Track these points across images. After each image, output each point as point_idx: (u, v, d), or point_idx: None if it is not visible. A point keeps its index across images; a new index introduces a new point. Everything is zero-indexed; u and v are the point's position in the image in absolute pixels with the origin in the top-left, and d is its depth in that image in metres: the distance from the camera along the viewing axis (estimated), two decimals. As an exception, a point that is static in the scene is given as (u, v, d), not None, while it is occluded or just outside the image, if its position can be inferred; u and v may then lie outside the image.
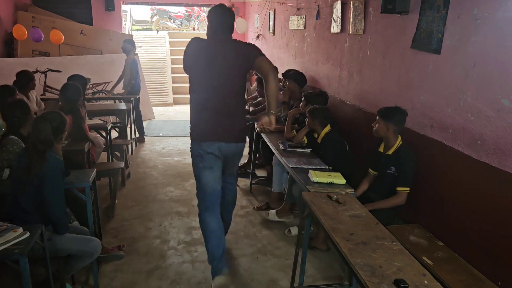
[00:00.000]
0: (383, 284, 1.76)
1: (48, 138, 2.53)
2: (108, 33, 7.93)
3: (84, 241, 2.70)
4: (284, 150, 3.74)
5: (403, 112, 3.07)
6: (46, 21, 7.09)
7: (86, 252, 2.67)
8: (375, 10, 3.72)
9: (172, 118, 8.13)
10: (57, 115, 2.66)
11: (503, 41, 2.37)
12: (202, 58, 2.78)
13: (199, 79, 2.81)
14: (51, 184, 2.49)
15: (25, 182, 2.47)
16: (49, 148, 2.53)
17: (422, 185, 3.07)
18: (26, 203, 2.49)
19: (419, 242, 2.72)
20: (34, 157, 2.46)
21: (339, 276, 3.17)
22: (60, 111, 2.76)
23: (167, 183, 4.92)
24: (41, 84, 5.94)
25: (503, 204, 2.38)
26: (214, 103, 2.79)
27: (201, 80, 2.81)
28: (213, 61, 2.77)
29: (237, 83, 2.84)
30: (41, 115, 2.66)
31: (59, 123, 2.64)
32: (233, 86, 2.82)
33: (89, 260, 2.73)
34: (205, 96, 2.81)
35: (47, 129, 2.54)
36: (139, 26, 15.60)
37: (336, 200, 2.58)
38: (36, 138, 2.51)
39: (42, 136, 2.51)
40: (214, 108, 2.79)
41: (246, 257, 3.38)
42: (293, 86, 4.70)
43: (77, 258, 2.69)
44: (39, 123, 2.55)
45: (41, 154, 2.48)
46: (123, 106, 5.61)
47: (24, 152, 2.53)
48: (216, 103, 2.79)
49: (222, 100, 2.80)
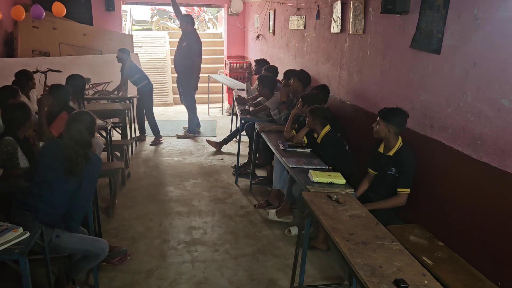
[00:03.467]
0: (383, 284, 1.76)
1: (85, 138, 2.57)
2: (108, 33, 7.93)
3: (92, 242, 2.70)
4: (284, 150, 3.74)
5: (404, 113, 3.05)
6: (46, 21, 7.09)
7: (93, 252, 2.66)
8: (375, 10, 3.72)
9: (172, 118, 8.13)
10: (86, 115, 2.68)
11: (503, 41, 2.37)
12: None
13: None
14: (91, 183, 2.58)
15: (55, 180, 2.47)
16: (89, 148, 2.59)
17: (422, 185, 3.07)
18: (49, 200, 2.47)
19: (419, 242, 2.72)
20: (76, 159, 2.48)
21: (339, 276, 3.17)
22: (87, 111, 2.80)
23: (167, 183, 4.92)
24: (41, 84, 5.93)
25: (503, 204, 2.38)
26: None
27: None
28: None
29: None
30: (71, 117, 2.67)
31: (90, 122, 2.66)
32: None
33: (96, 261, 2.72)
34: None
35: (82, 130, 2.56)
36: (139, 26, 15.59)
37: (336, 200, 2.58)
38: (73, 140, 2.52)
39: (78, 137, 2.54)
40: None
41: (246, 257, 3.38)
42: (297, 85, 4.66)
43: (84, 259, 2.69)
44: (73, 125, 2.57)
45: (84, 156, 2.52)
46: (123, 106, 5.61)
47: (62, 154, 2.51)
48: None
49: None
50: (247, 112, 5.12)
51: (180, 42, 6.67)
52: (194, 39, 6.62)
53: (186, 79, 6.67)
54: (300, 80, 4.68)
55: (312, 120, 3.71)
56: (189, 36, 6.60)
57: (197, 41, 6.60)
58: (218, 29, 13.69)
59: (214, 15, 14.90)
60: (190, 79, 6.65)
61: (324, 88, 4.40)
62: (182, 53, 6.61)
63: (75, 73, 4.69)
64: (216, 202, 4.43)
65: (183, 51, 6.60)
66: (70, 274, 2.76)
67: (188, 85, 6.71)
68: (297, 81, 4.68)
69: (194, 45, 6.56)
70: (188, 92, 6.79)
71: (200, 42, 6.64)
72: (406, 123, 3.08)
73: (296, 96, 4.63)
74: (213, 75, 8.73)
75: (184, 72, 6.67)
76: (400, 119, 3.04)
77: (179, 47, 6.67)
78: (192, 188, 4.78)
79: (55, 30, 7.30)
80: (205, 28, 14.44)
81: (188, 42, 6.57)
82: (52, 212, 2.47)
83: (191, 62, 6.58)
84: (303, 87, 4.68)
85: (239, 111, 5.26)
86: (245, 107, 5.30)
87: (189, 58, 6.56)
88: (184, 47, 6.59)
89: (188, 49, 6.56)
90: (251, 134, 5.02)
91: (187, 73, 6.64)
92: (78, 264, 2.73)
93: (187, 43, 6.58)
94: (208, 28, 14.60)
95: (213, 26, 14.72)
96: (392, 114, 3.04)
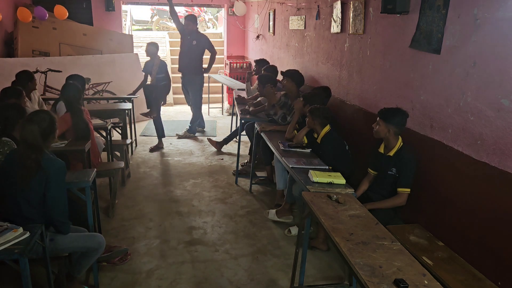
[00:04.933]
0: (383, 284, 1.76)
1: (37, 141, 2.37)
2: (108, 33, 7.94)
3: (87, 238, 2.70)
4: (284, 150, 3.74)
5: (404, 113, 3.05)
6: (46, 21, 7.09)
7: (91, 248, 2.67)
8: (375, 10, 3.72)
9: (172, 118, 8.13)
10: (45, 115, 2.50)
11: (503, 41, 2.37)
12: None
13: None
14: (55, 187, 2.42)
15: (24, 187, 2.37)
16: (39, 153, 2.37)
17: (422, 185, 3.07)
18: (26, 206, 2.40)
19: (419, 242, 2.72)
20: (29, 164, 2.33)
21: (339, 276, 3.17)
22: (47, 110, 2.65)
23: (167, 183, 4.92)
24: (41, 84, 5.94)
25: (503, 204, 2.38)
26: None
27: None
28: None
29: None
30: (27, 116, 2.50)
31: (48, 123, 2.47)
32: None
33: (95, 255, 2.72)
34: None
35: (35, 132, 2.37)
36: (139, 26, 15.59)
37: (336, 200, 2.58)
38: (25, 142, 2.36)
39: (30, 140, 2.35)
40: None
41: (246, 257, 3.38)
42: (290, 84, 4.60)
43: (84, 256, 2.69)
44: (25, 126, 2.38)
45: (35, 161, 2.34)
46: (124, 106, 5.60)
47: (17, 159, 2.38)
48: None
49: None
50: (247, 112, 5.11)
51: (188, 41, 6.62)
52: (202, 36, 6.75)
53: (195, 77, 6.70)
54: (292, 79, 4.60)
55: (312, 120, 3.71)
56: (197, 34, 6.67)
57: (206, 37, 6.78)
58: (218, 29, 13.69)
59: (214, 15, 14.90)
60: (199, 77, 6.71)
61: (326, 91, 4.39)
62: (193, 51, 6.60)
63: (74, 73, 4.69)
64: (216, 202, 4.43)
65: (195, 49, 6.61)
66: (73, 273, 2.75)
67: (198, 84, 6.75)
68: (290, 81, 4.60)
69: (206, 42, 6.68)
70: (199, 91, 6.82)
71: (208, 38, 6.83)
72: (406, 123, 3.07)
73: (290, 97, 4.62)
74: (213, 75, 8.72)
75: (193, 71, 6.66)
76: (400, 119, 3.04)
77: (189, 46, 6.61)
78: (192, 188, 4.78)
79: (55, 30, 7.30)
80: (205, 28, 14.44)
81: (199, 40, 6.62)
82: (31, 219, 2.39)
83: (200, 61, 6.67)
84: (297, 86, 4.63)
85: (239, 111, 5.26)
86: (245, 107, 5.30)
87: (200, 56, 6.65)
88: (195, 46, 6.60)
89: (201, 47, 6.64)
90: (251, 134, 5.01)
91: (196, 71, 6.66)
92: (78, 262, 2.73)
93: (197, 42, 6.61)
94: (208, 28, 14.60)
95: (213, 26, 14.72)
96: (392, 114, 3.04)
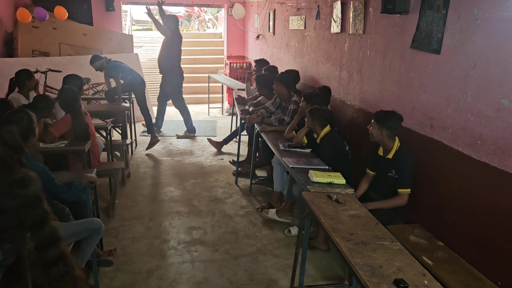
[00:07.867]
0: (383, 284, 1.76)
1: (16, 142, 2.20)
2: (108, 33, 7.93)
3: (88, 221, 2.74)
4: (284, 150, 3.74)
5: (398, 117, 3.04)
6: (46, 21, 7.09)
7: (94, 229, 2.68)
8: (375, 10, 3.72)
9: (172, 118, 8.12)
10: (23, 114, 2.39)
11: (503, 41, 2.37)
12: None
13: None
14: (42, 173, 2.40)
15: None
16: (21, 153, 2.24)
17: (422, 185, 3.07)
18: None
19: (419, 242, 2.72)
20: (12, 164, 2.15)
21: (339, 276, 3.17)
22: (25, 109, 2.55)
23: (167, 183, 4.93)
24: (41, 84, 5.93)
25: (503, 204, 2.38)
26: None
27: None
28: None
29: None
30: (5, 116, 2.36)
31: (27, 122, 2.36)
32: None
33: (97, 236, 2.74)
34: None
35: (14, 132, 2.22)
36: (139, 26, 15.58)
37: (336, 200, 2.58)
38: (5, 144, 2.18)
39: (10, 140, 2.19)
40: None
41: (246, 257, 3.38)
42: (280, 87, 4.53)
43: (86, 242, 2.68)
44: (3, 126, 2.24)
45: (19, 162, 2.19)
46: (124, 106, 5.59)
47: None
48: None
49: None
50: (247, 112, 5.11)
51: (163, 42, 6.66)
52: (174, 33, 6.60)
53: (172, 75, 6.64)
54: (282, 82, 4.52)
55: (311, 121, 3.71)
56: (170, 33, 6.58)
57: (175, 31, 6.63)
58: (218, 29, 13.68)
59: (214, 15, 14.89)
60: (175, 74, 6.64)
61: (326, 90, 4.38)
62: (164, 48, 6.57)
63: (71, 73, 4.70)
64: (216, 202, 4.43)
65: (165, 46, 6.57)
66: (78, 263, 2.73)
67: (175, 82, 6.69)
68: (279, 84, 4.53)
69: (171, 34, 6.51)
70: (178, 91, 6.75)
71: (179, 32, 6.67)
72: (399, 126, 3.06)
73: (282, 99, 4.60)
74: (213, 75, 8.72)
75: (169, 70, 6.62)
76: (393, 122, 3.02)
77: (162, 46, 6.65)
78: (192, 188, 4.78)
79: (55, 30, 7.30)
80: (205, 28, 14.44)
81: (168, 36, 6.53)
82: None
83: (174, 57, 6.56)
84: (287, 89, 4.54)
85: (239, 111, 5.26)
86: (245, 107, 5.30)
87: (171, 51, 6.55)
88: (165, 42, 6.58)
89: (170, 42, 6.53)
90: (250, 134, 5.01)
91: (172, 70, 6.60)
92: (81, 248, 2.69)
93: (167, 38, 6.55)
94: (208, 28, 14.60)
95: (213, 26, 14.71)
96: (386, 117, 3.03)
